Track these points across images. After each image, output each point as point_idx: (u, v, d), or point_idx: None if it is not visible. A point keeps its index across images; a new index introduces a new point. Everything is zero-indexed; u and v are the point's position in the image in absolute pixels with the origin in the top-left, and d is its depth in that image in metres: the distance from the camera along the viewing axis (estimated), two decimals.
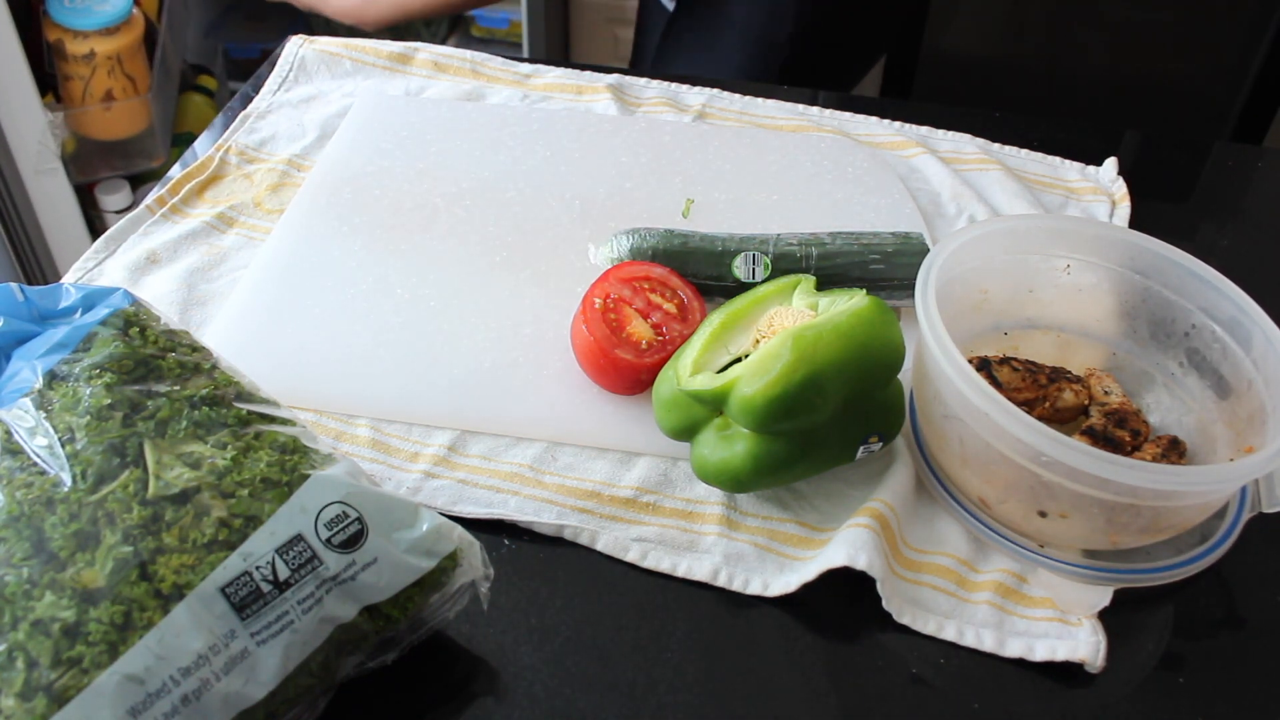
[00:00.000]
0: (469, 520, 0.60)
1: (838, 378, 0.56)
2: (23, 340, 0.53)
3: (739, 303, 0.63)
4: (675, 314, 0.68)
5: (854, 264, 0.72)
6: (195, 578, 0.45)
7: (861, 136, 0.93)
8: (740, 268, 0.71)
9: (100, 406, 0.48)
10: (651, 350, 0.66)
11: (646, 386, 0.66)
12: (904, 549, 0.60)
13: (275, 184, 0.85)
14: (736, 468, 0.59)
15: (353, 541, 0.48)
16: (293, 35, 1.01)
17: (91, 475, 0.46)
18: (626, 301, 0.68)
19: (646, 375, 0.65)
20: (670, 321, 0.67)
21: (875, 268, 0.72)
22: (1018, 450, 0.55)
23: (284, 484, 0.49)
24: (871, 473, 0.64)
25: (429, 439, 0.66)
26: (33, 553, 0.44)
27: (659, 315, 0.67)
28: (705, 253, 0.72)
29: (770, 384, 0.55)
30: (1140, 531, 0.57)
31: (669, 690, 0.54)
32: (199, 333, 0.71)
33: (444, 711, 0.53)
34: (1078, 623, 0.57)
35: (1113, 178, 0.90)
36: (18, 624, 0.42)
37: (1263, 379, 0.60)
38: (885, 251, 0.73)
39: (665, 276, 0.69)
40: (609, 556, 0.60)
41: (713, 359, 0.61)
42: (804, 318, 0.60)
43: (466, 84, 0.97)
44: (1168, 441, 0.63)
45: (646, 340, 0.66)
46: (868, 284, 0.72)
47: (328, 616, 0.47)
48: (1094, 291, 0.68)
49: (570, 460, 0.65)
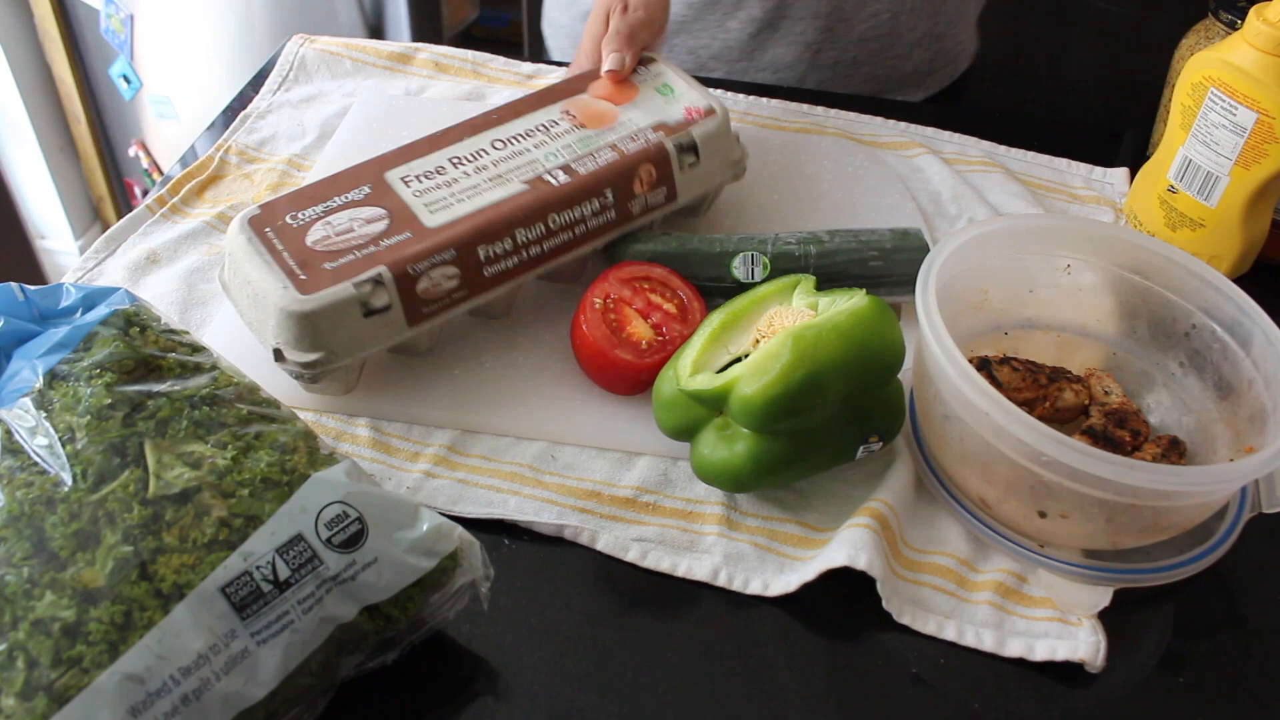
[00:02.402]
0: (469, 520, 0.61)
1: (838, 377, 0.56)
2: (23, 340, 0.53)
3: (739, 303, 0.63)
4: (675, 314, 0.68)
5: (853, 261, 0.72)
6: (195, 577, 0.45)
7: (864, 137, 0.93)
8: (739, 268, 0.71)
9: (100, 406, 0.48)
10: (651, 350, 0.66)
11: (646, 387, 0.66)
12: (904, 549, 0.60)
13: (275, 184, 0.85)
14: (737, 467, 0.59)
15: (353, 541, 0.48)
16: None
17: (92, 475, 0.46)
18: (626, 302, 0.68)
19: (646, 375, 0.65)
20: (670, 322, 0.67)
21: (874, 265, 0.72)
22: (1018, 450, 0.55)
23: (284, 484, 0.49)
24: (871, 473, 0.64)
25: (429, 439, 0.66)
26: (33, 552, 0.44)
27: (659, 315, 0.67)
28: (704, 254, 0.72)
29: (770, 383, 0.55)
30: (1140, 531, 0.57)
31: (669, 690, 0.54)
32: (199, 333, 0.71)
33: (444, 711, 0.53)
34: (1078, 623, 0.57)
35: (1123, 191, 0.90)
36: (18, 623, 0.42)
37: (1263, 379, 0.60)
38: (884, 248, 0.73)
39: (666, 277, 0.69)
40: (609, 556, 0.60)
41: (713, 359, 0.61)
42: (804, 317, 0.60)
43: (467, 84, 0.97)
44: (1168, 441, 0.63)
45: (646, 340, 0.66)
46: (867, 281, 0.72)
47: (328, 616, 0.47)
48: (1094, 291, 0.68)
49: (570, 460, 0.65)
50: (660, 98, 0.75)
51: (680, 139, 0.72)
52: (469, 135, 0.71)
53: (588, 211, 0.68)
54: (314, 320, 0.60)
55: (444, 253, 0.63)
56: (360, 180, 0.67)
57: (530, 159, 0.69)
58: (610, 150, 0.70)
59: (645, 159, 0.70)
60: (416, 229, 0.64)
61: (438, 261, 0.63)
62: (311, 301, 0.60)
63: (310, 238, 0.63)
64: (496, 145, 0.70)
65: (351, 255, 0.62)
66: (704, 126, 0.73)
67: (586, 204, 0.68)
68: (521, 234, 0.66)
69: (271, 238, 0.63)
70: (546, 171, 0.68)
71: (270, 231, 0.63)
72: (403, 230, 0.64)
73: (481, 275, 0.65)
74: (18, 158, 2.01)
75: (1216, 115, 0.75)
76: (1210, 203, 0.78)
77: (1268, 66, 0.71)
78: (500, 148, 0.70)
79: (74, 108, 1.98)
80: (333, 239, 0.63)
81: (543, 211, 0.67)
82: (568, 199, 0.67)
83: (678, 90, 0.76)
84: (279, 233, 0.63)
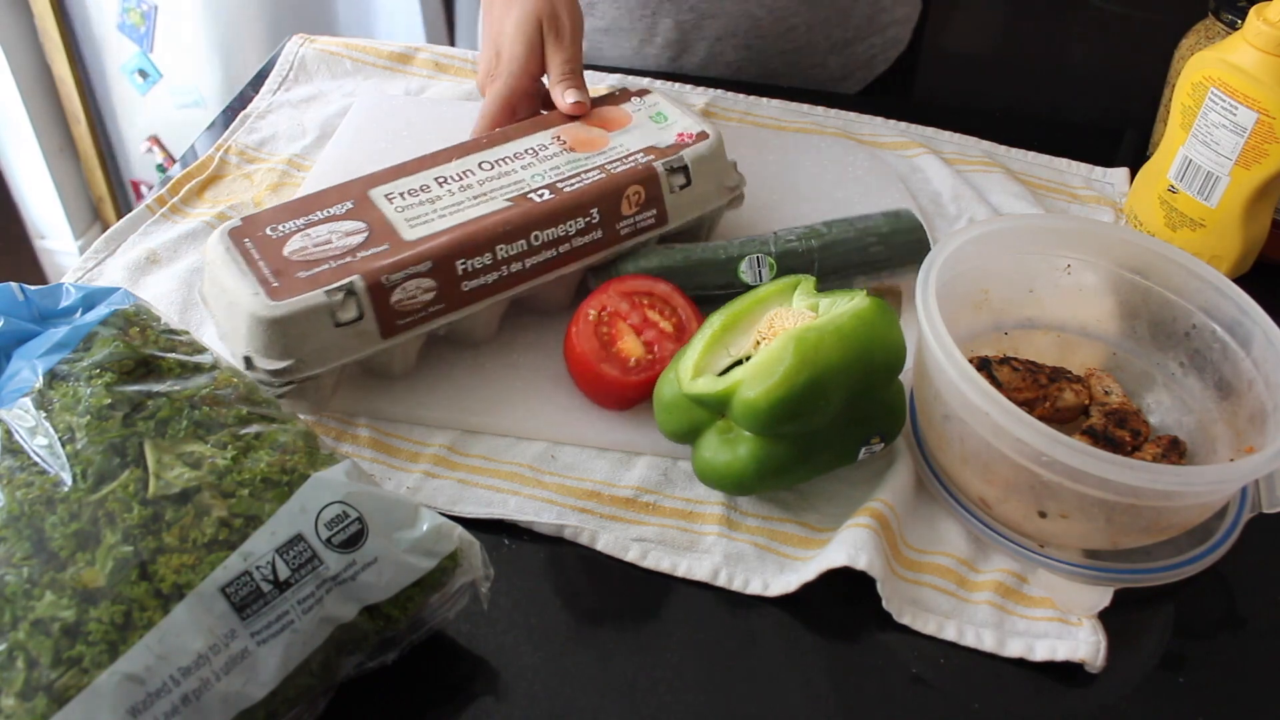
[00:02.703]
0: (469, 520, 0.60)
1: (840, 379, 0.56)
2: (23, 340, 0.53)
3: (739, 304, 0.63)
4: (670, 333, 0.66)
5: (854, 250, 0.73)
6: (195, 577, 0.45)
7: (865, 136, 0.93)
8: (747, 272, 0.71)
9: (100, 406, 0.48)
10: (639, 369, 0.65)
11: (631, 404, 0.66)
12: (904, 549, 0.60)
13: (275, 184, 0.85)
14: (739, 471, 0.59)
15: (353, 541, 0.48)
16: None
17: (92, 475, 0.46)
18: (622, 316, 0.67)
19: (631, 393, 0.65)
20: (663, 341, 0.66)
21: (875, 250, 0.73)
22: (1018, 450, 0.55)
23: (284, 484, 0.49)
24: (871, 473, 0.64)
25: (429, 439, 0.66)
26: (33, 552, 0.44)
27: (653, 333, 0.66)
28: (711, 262, 0.71)
29: (773, 387, 0.55)
30: (1140, 531, 0.57)
31: (669, 690, 0.54)
32: (199, 333, 0.71)
33: (444, 711, 0.53)
34: (1078, 623, 0.57)
35: (1123, 191, 0.90)
36: (18, 624, 0.42)
37: (1263, 379, 0.60)
38: (882, 233, 0.74)
39: (669, 294, 0.68)
40: (609, 556, 0.60)
41: (714, 361, 0.61)
42: (804, 318, 0.60)
43: (467, 84, 0.97)
44: (1168, 441, 0.63)
45: (635, 358, 0.65)
46: (870, 267, 0.73)
47: (328, 616, 0.47)
48: (1094, 291, 0.68)
49: (570, 460, 0.65)
50: (653, 124, 0.75)
51: (670, 161, 0.71)
52: (457, 157, 0.70)
53: (572, 230, 0.67)
54: (283, 327, 0.59)
55: (420, 264, 0.62)
56: (345, 196, 0.67)
57: (516, 179, 0.69)
58: (598, 171, 0.70)
59: (633, 180, 0.69)
60: (394, 241, 0.63)
61: (414, 273, 0.62)
62: (281, 308, 0.59)
63: (288, 248, 0.63)
64: (484, 166, 0.70)
65: (327, 265, 0.62)
66: (696, 149, 0.72)
67: (571, 222, 0.67)
68: (503, 249, 0.65)
69: (250, 248, 0.63)
70: (532, 190, 0.68)
71: (249, 242, 0.63)
72: (381, 243, 0.63)
73: (459, 290, 0.65)
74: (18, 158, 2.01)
75: (1216, 115, 0.75)
76: (1210, 203, 0.78)
77: (1268, 66, 0.71)
78: (487, 169, 0.70)
79: (74, 108, 1.98)
80: (310, 249, 0.63)
81: (525, 228, 0.66)
82: (552, 216, 0.67)
83: (671, 117, 0.75)
84: (258, 243, 0.63)
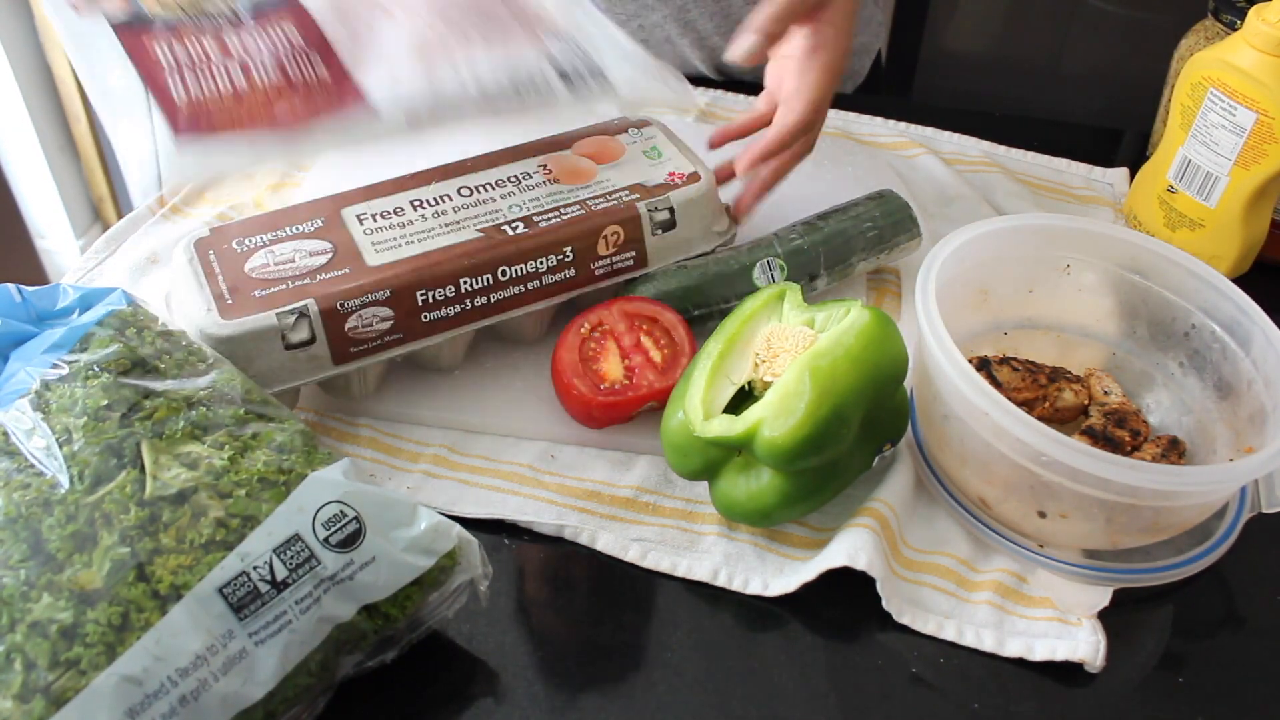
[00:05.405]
0: (469, 520, 0.60)
1: (857, 402, 0.56)
2: (20, 341, 0.53)
3: (729, 326, 0.61)
4: (658, 364, 0.65)
5: (855, 237, 0.74)
6: (193, 578, 0.45)
7: (865, 136, 0.93)
8: (760, 278, 0.70)
9: (97, 407, 0.48)
10: (610, 393, 0.63)
11: (599, 424, 0.65)
12: (904, 549, 0.60)
13: (275, 184, 0.85)
14: (766, 504, 0.57)
15: (350, 541, 0.48)
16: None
17: (89, 476, 0.46)
18: (616, 336, 0.66)
19: (597, 413, 0.64)
20: (646, 371, 0.64)
21: (872, 234, 0.75)
22: (1018, 450, 0.55)
23: (281, 484, 0.49)
24: (871, 473, 0.64)
25: (429, 439, 0.66)
26: (30, 554, 0.44)
27: (639, 359, 0.65)
28: (725, 274, 0.70)
29: (798, 425, 0.54)
30: (1140, 531, 0.57)
31: (669, 690, 0.54)
32: None
33: (444, 711, 0.53)
34: (1077, 623, 0.57)
35: (1123, 191, 0.90)
36: (15, 626, 0.42)
37: (1263, 379, 0.60)
38: (874, 215, 0.75)
39: (673, 325, 0.66)
40: (609, 556, 0.60)
41: (718, 395, 0.59)
42: (804, 336, 0.59)
43: None
44: (1168, 441, 0.63)
45: (611, 381, 0.64)
46: (871, 251, 0.75)
47: (326, 616, 0.47)
48: (1094, 291, 0.68)
49: (570, 460, 0.65)
50: (646, 160, 0.72)
51: (655, 202, 0.68)
52: (438, 179, 0.69)
53: (543, 267, 0.66)
54: (230, 347, 0.58)
55: (378, 292, 0.61)
56: (317, 213, 0.66)
57: (493, 208, 0.67)
58: (578, 207, 0.68)
59: (613, 220, 0.67)
60: (357, 265, 0.62)
61: (370, 301, 0.61)
62: (230, 327, 0.58)
63: (250, 264, 0.62)
64: (462, 192, 0.68)
65: (284, 285, 0.61)
66: (685, 192, 0.70)
67: (543, 259, 0.65)
68: (467, 283, 0.64)
69: (212, 261, 0.62)
70: (506, 222, 0.66)
71: (213, 255, 0.62)
72: (343, 266, 0.62)
73: (419, 321, 0.63)
74: (18, 158, 2.01)
75: (1216, 115, 0.75)
76: (1210, 203, 0.78)
77: (1268, 66, 0.71)
78: (465, 195, 0.68)
79: (74, 108, 1.98)
80: (271, 267, 0.62)
81: (493, 263, 0.64)
82: (523, 253, 0.65)
83: (665, 154, 0.73)
84: (221, 257, 0.62)
